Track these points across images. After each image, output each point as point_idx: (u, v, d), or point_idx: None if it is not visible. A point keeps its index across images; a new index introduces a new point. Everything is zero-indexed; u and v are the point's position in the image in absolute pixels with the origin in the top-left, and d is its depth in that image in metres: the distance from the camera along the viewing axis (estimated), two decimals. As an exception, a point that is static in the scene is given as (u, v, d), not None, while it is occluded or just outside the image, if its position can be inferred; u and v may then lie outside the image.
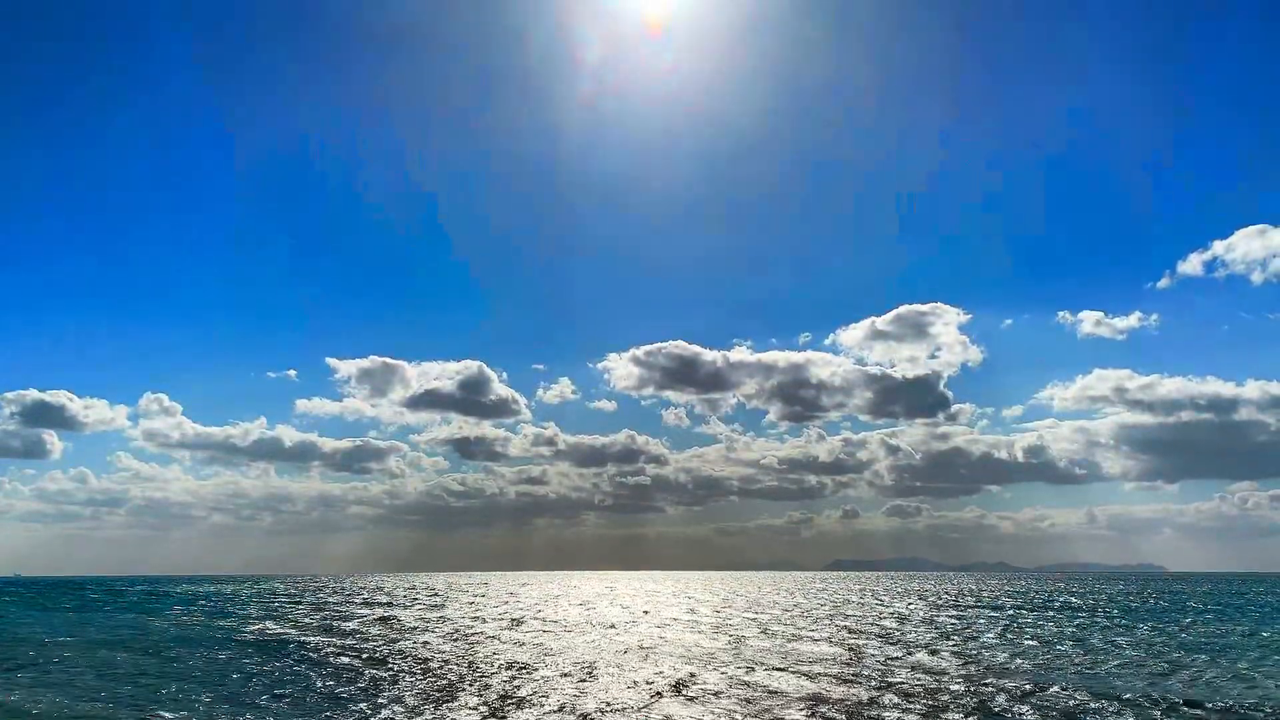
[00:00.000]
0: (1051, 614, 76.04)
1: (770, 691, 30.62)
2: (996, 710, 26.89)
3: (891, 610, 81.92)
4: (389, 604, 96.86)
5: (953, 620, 67.47)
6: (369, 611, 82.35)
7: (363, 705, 28.76)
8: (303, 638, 54.38)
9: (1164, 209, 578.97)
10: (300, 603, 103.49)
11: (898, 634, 54.10)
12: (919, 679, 33.29)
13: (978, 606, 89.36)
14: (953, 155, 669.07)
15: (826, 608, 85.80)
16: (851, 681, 32.75)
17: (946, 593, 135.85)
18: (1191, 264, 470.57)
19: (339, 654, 44.38)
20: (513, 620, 69.07)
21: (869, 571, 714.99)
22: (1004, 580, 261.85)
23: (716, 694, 30.16)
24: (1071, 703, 27.98)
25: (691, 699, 29.13)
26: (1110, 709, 26.79)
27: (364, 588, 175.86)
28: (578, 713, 26.85)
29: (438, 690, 31.85)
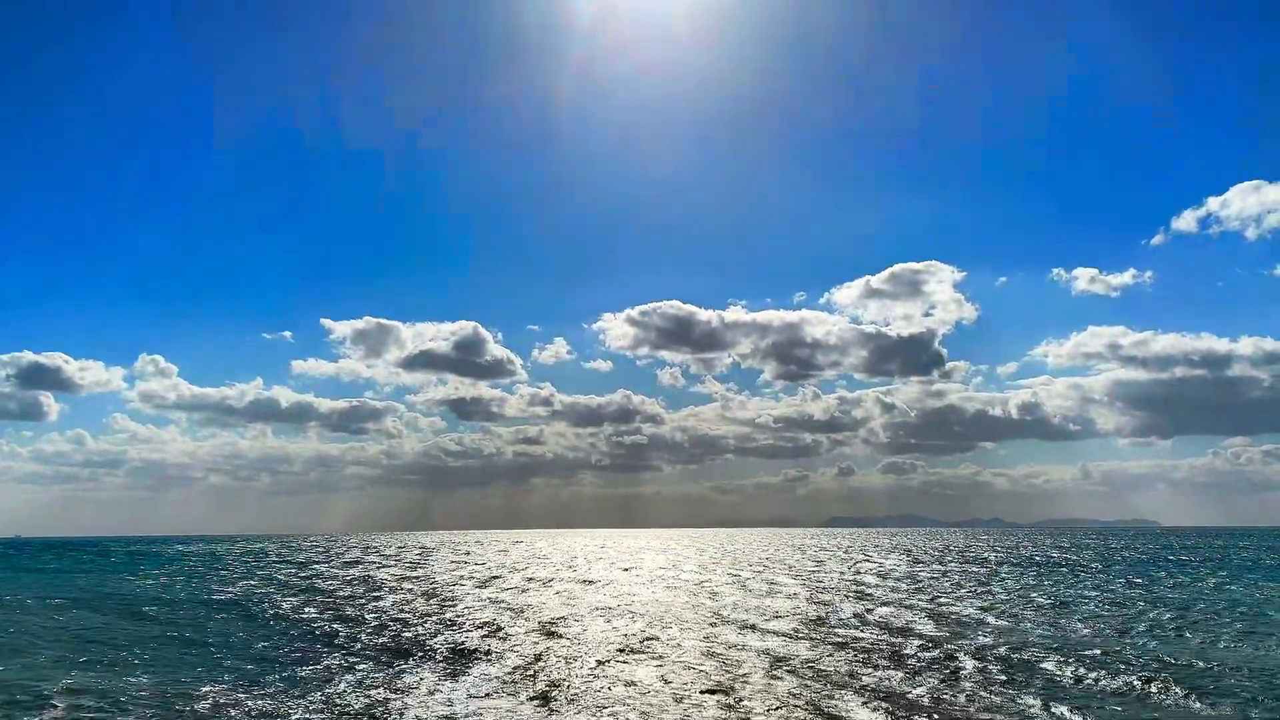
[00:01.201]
0: (1036, 570, 76.43)
1: (730, 646, 30.60)
2: (947, 667, 26.82)
3: (875, 565, 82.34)
4: (376, 564, 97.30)
5: (932, 576, 67.78)
6: (352, 571, 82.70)
7: (325, 662, 28.67)
8: (280, 597, 54.49)
9: (1159, 165, 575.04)
10: (287, 562, 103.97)
11: (873, 590, 54.28)
12: (881, 636, 33.29)
13: (962, 562, 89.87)
14: (947, 114, 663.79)
15: (810, 565, 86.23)
16: (812, 639, 32.74)
17: (934, 548, 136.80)
18: (1186, 220, 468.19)
19: (312, 612, 44.42)
20: (492, 578, 69.34)
21: (865, 528, 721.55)
22: (996, 536, 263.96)
23: (677, 649, 30.13)
24: (1026, 656, 27.94)
25: (649, 655, 29.09)
26: (1066, 663, 26.73)
27: (355, 547, 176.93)
28: (534, 670, 26.80)
29: (400, 646, 31.82)
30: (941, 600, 47.39)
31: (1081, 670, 25.67)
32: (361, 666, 28.12)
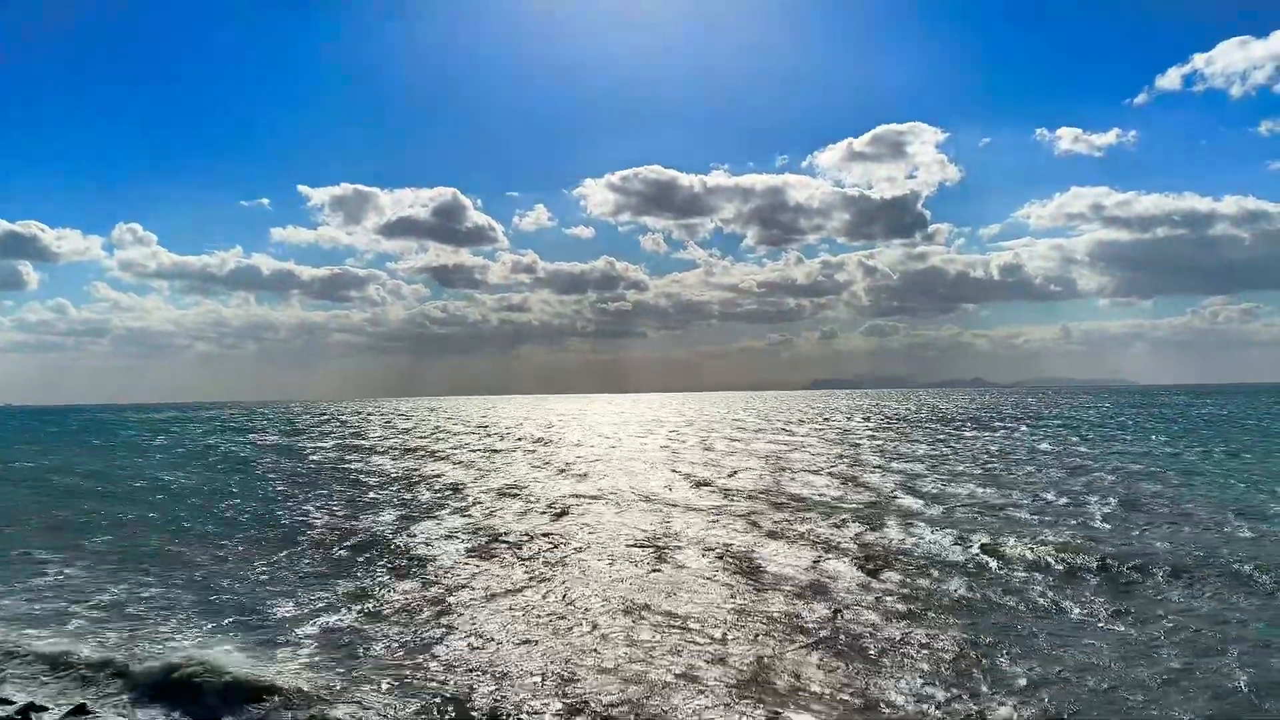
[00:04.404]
0: (1000, 429, 78.86)
1: (669, 504, 32.25)
2: (853, 528, 28.34)
3: (837, 428, 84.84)
4: (357, 428, 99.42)
5: (894, 437, 69.93)
6: (332, 429, 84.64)
7: (281, 519, 30.17)
8: (252, 456, 56.25)
9: (1144, 22, 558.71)
10: (269, 427, 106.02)
11: (818, 457, 56.29)
12: (805, 499, 34.93)
13: (925, 423, 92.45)
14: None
15: (768, 430, 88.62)
16: (727, 511, 34.42)
17: (907, 409, 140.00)
18: (1170, 78, 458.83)
19: (281, 472, 46.12)
20: (465, 443, 71.33)
21: (848, 390, 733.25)
22: (972, 395, 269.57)
23: (618, 509, 31.73)
24: (936, 512, 29.58)
25: (586, 519, 30.67)
26: (962, 526, 28.37)
27: (342, 412, 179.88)
28: (478, 527, 28.34)
29: (360, 504, 33.38)
30: (877, 460, 49.34)
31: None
32: (316, 517, 29.66)
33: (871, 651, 14.81)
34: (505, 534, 26.80)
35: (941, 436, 67.53)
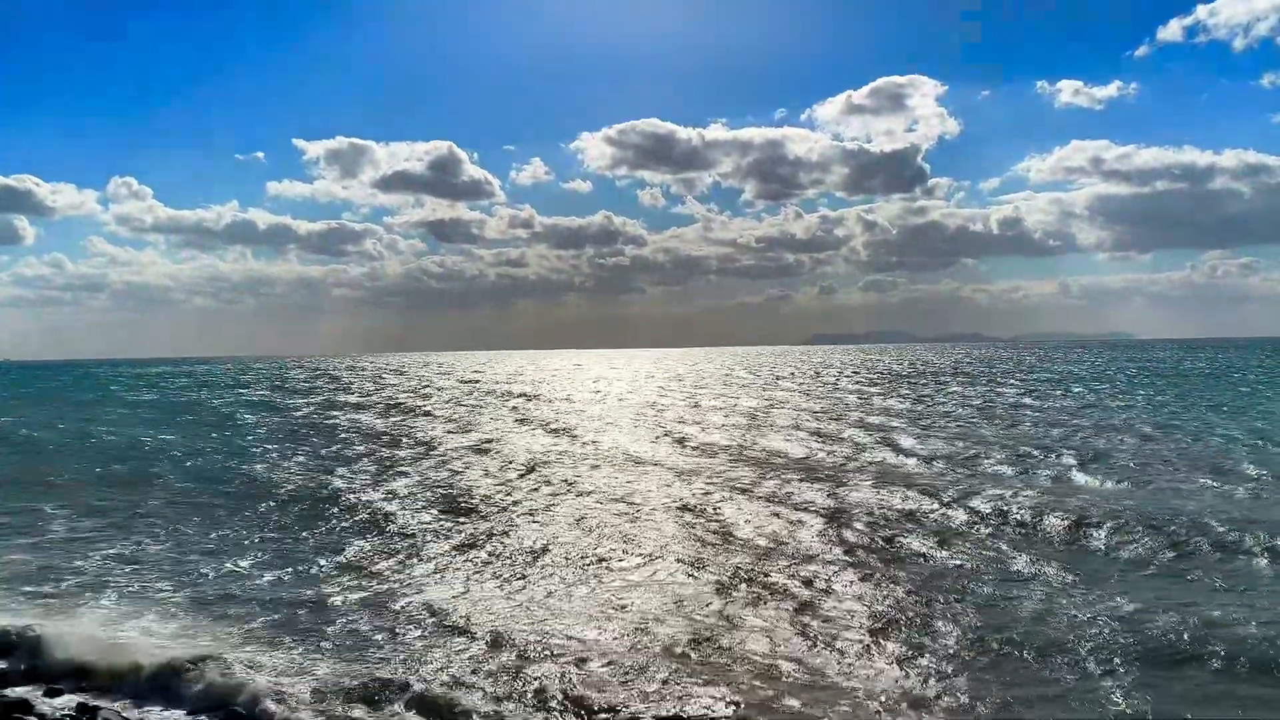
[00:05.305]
0: (986, 384, 78.75)
1: (642, 461, 32.22)
2: (816, 485, 28.28)
3: (827, 383, 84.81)
4: (347, 383, 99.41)
5: (880, 392, 69.86)
6: (323, 384, 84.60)
7: (257, 471, 30.13)
8: (236, 412, 56.22)
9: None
10: (260, 382, 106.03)
11: (800, 413, 56.25)
12: (779, 456, 34.88)
13: (914, 378, 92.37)
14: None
15: (757, 386, 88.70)
16: (697, 468, 34.39)
17: (900, 365, 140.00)
18: (1172, 30, 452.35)
19: (266, 428, 46.08)
20: (453, 398, 71.29)
21: (846, 345, 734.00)
22: (968, 350, 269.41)
23: (592, 466, 31.69)
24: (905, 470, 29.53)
25: (554, 475, 30.63)
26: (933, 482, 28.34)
27: (337, 367, 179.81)
28: (445, 483, 28.29)
29: (336, 459, 33.31)
30: (856, 415, 49.30)
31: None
32: (289, 468, 29.63)
33: (822, 607, 14.75)
34: (469, 490, 26.77)
35: (928, 392, 67.46)
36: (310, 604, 15.62)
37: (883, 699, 11.22)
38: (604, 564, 17.95)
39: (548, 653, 12.88)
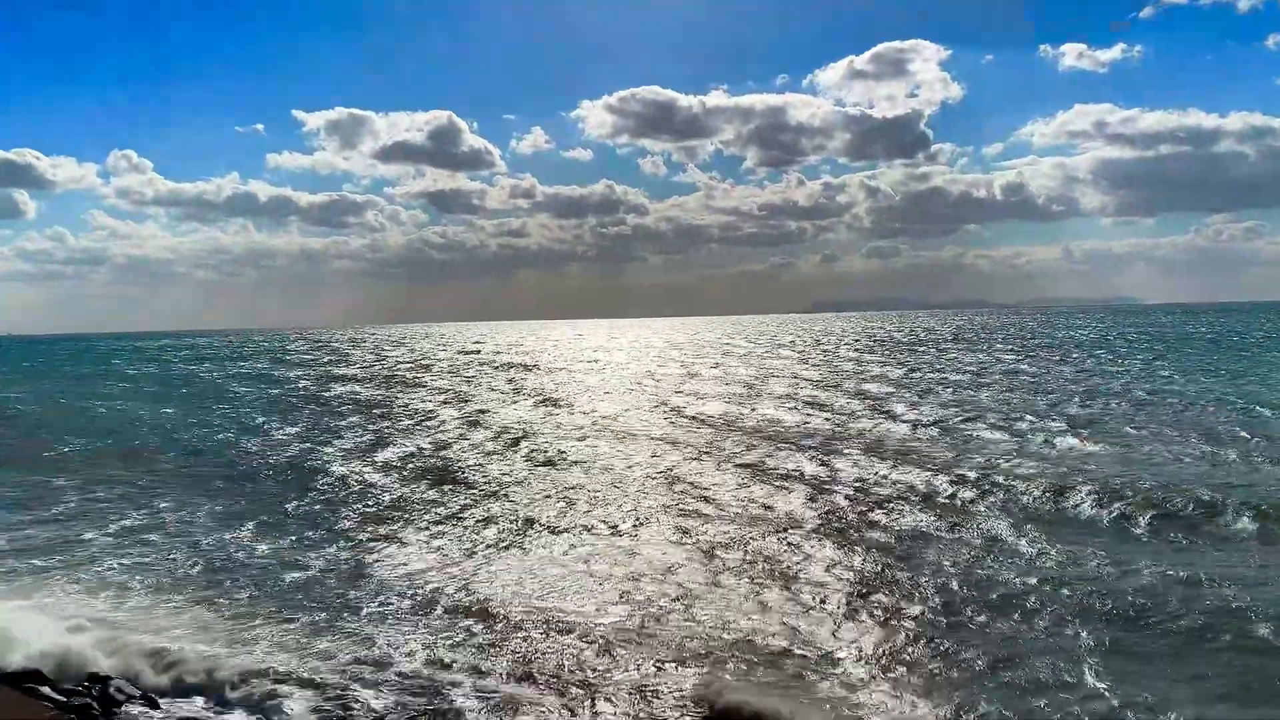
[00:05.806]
0: (984, 350, 78.70)
1: (633, 432, 32.33)
2: (801, 455, 28.35)
3: (826, 351, 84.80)
4: (347, 355, 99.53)
5: (877, 360, 69.87)
6: (323, 356, 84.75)
7: (254, 444, 30.28)
8: (236, 386, 56.38)
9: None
10: (260, 355, 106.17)
11: (796, 380, 56.30)
12: (770, 425, 34.95)
13: (914, 346, 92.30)
14: None
15: (755, 354, 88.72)
16: (686, 438, 34.48)
17: (900, 332, 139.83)
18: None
19: (266, 400, 46.23)
20: (453, 368, 71.40)
21: (848, 313, 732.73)
22: (971, 316, 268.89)
23: (580, 438, 31.79)
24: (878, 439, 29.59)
25: (540, 446, 30.73)
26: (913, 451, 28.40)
27: (339, 339, 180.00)
28: (444, 454, 28.41)
29: (328, 431, 33.43)
30: (845, 385, 49.35)
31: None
32: (276, 434, 29.79)
33: (805, 574, 14.86)
34: (461, 462, 26.90)
35: (927, 359, 67.45)
36: (299, 576, 15.75)
37: (864, 665, 11.33)
38: (591, 534, 18.07)
39: (533, 624, 13.00)
